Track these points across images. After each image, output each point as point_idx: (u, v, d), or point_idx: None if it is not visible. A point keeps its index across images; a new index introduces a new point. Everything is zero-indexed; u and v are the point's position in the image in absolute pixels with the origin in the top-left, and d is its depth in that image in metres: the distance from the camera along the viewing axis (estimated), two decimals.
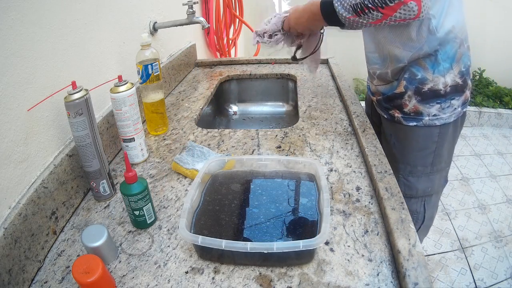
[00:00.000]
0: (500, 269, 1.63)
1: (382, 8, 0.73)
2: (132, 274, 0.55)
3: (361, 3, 0.74)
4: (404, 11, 0.72)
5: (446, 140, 0.96)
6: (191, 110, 1.13)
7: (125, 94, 0.75)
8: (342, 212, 0.66)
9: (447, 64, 0.86)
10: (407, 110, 0.93)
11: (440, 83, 0.87)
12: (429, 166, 0.99)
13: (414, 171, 1.00)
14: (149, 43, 0.88)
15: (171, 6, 1.28)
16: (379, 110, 1.04)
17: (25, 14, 0.59)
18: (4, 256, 0.50)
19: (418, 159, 0.98)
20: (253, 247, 0.50)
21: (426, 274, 0.49)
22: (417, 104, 0.91)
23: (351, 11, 0.77)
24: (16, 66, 0.57)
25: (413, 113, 0.93)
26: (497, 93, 2.94)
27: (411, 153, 0.98)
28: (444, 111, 0.91)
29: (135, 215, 0.62)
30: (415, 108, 0.92)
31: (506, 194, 2.11)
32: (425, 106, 0.91)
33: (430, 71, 0.87)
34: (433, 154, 0.97)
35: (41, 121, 0.64)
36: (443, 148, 0.97)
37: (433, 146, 0.96)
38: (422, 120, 0.92)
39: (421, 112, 0.92)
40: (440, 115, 0.91)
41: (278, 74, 1.43)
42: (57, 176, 0.65)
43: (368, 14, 0.75)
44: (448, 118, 0.92)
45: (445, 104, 0.90)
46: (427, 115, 0.91)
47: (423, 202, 1.04)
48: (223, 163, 0.72)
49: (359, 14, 0.76)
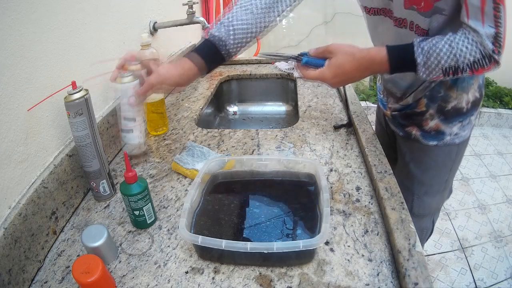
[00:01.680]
0: (500, 269, 1.63)
1: (477, 71, 0.65)
2: (132, 274, 0.55)
3: (457, 67, 0.65)
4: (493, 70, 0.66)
5: (461, 156, 0.92)
6: (191, 110, 1.13)
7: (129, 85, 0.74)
8: (342, 212, 0.66)
9: (471, 79, 0.80)
10: (428, 128, 0.87)
11: (464, 100, 0.81)
12: (444, 184, 0.95)
13: (429, 191, 0.95)
14: (149, 43, 0.88)
15: (171, 6, 1.28)
16: (393, 126, 0.98)
17: (25, 14, 0.59)
18: (4, 256, 0.50)
19: (435, 178, 0.94)
20: (253, 247, 0.50)
21: (426, 274, 0.49)
22: (439, 123, 0.85)
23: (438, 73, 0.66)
24: (16, 66, 0.57)
25: (434, 132, 0.86)
26: (497, 93, 2.94)
27: (427, 172, 0.93)
28: (464, 128, 0.86)
29: (135, 215, 0.62)
30: (436, 127, 0.86)
31: (506, 194, 2.11)
32: (447, 125, 0.85)
33: (454, 87, 0.80)
34: (449, 172, 0.93)
35: (41, 121, 0.64)
36: (458, 165, 0.93)
37: (450, 164, 0.91)
38: (443, 139, 0.87)
39: (443, 131, 0.86)
40: (461, 133, 0.86)
41: (278, 74, 1.43)
42: (57, 176, 0.65)
43: (459, 75, 0.66)
44: (466, 135, 0.87)
45: (466, 121, 0.85)
46: (449, 134, 0.86)
47: (432, 218, 1.01)
48: (223, 163, 0.72)
49: (447, 75, 0.66)
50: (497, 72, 0.68)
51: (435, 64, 0.65)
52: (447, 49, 0.64)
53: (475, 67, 0.64)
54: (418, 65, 0.66)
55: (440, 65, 0.65)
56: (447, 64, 0.64)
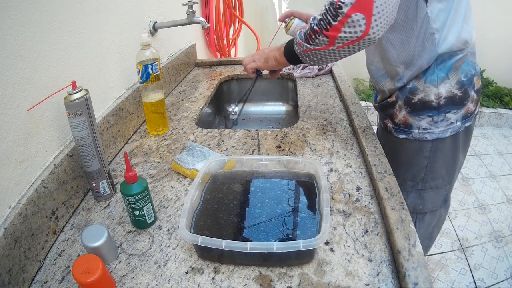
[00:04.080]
0: (500, 269, 1.63)
1: (327, 31, 0.65)
2: (132, 274, 0.55)
3: (309, 29, 0.70)
4: (349, 28, 0.62)
5: (441, 156, 0.88)
6: (191, 110, 1.13)
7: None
8: (342, 212, 0.66)
9: (442, 73, 0.78)
10: (397, 120, 0.88)
11: (432, 94, 0.80)
12: (420, 183, 0.93)
13: (403, 185, 0.93)
14: (149, 43, 0.88)
15: (171, 6, 1.28)
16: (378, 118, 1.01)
17: (25, 14, 0.59)
18: (4, 256, 0.50)
19: (407, 173, 0.93)
20: (253, 247, 0.50)
21: (426, 274, 0.49)
22: (406, 115, 0.85)
23: (303, 39, 0.72)
24: (16, 66, 0.57)
25: (402, 125, 0.87)
26: (497, 93, 2.94)
27: (400, 166, 0.92)
28: (437, 125, 0.83)
29: (135, 215, 0.62)
30: (404, 120, 0.86)
31: (506, 194, 2.11)
32: (414, 118, 0.85)
33: (422, 79, 0.80)
34: (425, 170, 0.90)
35: (41, 121, 0.64)
36: (438, 165, 0.90)
37: (424, 162, 0.89)
38: (411, 132, 0.87)
39: (410, 124, 0.86)
40: (432, 129, 0.84)
41: (278, 74, 1.42)
42: (57, 176, 0.65)
43: (315, 40, 0.69)
44: (442, 132, 0.84)
45: (438, 118, 0.82)
46: (417, 128, 0.85)
47: (414, 219, 0.98)
48: (223, 163, 0.72)
49: (308, 41, 0.71)
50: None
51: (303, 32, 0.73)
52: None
53: (323, 25, 0.66)
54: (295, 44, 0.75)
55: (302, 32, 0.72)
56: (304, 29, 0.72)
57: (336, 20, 0.63)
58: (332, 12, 0.63)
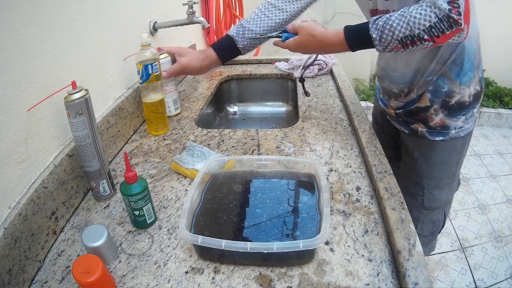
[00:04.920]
0: (500, 269, 1.63)
1: (438, 38, 0.65)
2: (132, 274, 0.55)
3: (412, 36, 0.66)
4: (458, 37, 0.65)
5: (467, 148, 0.94)
6: (191, 110, 1.13)
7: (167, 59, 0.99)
8: (342, 212, 0.66)
9: (471, 73, 0.81)
10: (433, 124, 0.88)
11: (466, 94, 0.83)
12: (452, 177, 0.96)
13: (439, 185, 0.96)
14: (149, 43, 0.88)
15: (171, 6, 1.28)
16: (397, 124, 0.99)
17: (25, 14, 0.59)
18: (4, 256, 0.50)
19: (443, 172, 0.95)
20: (253, 247, 0.50)
21: (426, 274, 0.49)
22: (444, 118, 0.86)
23: (395, 44, 0.68)
24: (16, 66, 0.57)
25: (439, 127, 0.88)
26: (497, 93, 2.94)
27: (436, 167, 0.94)
28: (468, 121, 0.88)
29: (135, 215, 0.62)
30: (441, 122, 0.87)
31: (506, 194, 2.11)
32: (452, 120, 0.86)
33: (457, 82, 0.81)
34: (456, 165, 0.95)
35: (41, 121, 0.64)
36: (464, 156, 0.95)
37: (457, 157, 0.93)
38: (448, 134, 0.88)
39: (448, 126, 0.87)
40: (465, 126, 0.88)
41: (278, 74, 1.43)
42: (57, 176, 0.65)
43: (419, 45, 0.67)
44: (470, 127, 0.90)
45: (469, 114, 0.87)
46: (454, 128, 0.87)
47: (444, 210, 1.02)
48: (223, 163, 0.72)
49: (406, 46, 0.68)
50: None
51: (390, 36, 0.68)
52: (399, 19, 0.66)
53: (434, 33, 0.64)
54: (374, 40, 0.70)
55: (395, 36, 0.67)
56: (401, 34, 0.66)
57: (450, 30, 0.64)
58: (447, 23, 0.63)
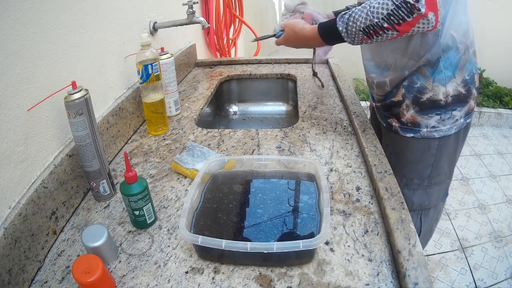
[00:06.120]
0: (500, 269, 1.63)
1: (399, 25, 0.67)
2: (132, 274, 0.55)
3: (373, 25, 0.69)
4: (423, 25, 0.66)
5: (446, 153, 0.90)
6: (191, 110, 1.13)
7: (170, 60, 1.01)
8: (342, 212, 0.66)
9: (449, 72, 0.80)
10: (404, 120, 0.88)
11: (440, 92, 0.82)
12: (426, 179, 0.94)
13: (409, 184, 0.95)
14: (149, 43, 0.88)
15: (171, 6, 1.28)
16: (379, 118, 1.00)
17: (25, 14, 0.59)
18: (4, 256, 0.50)
19: (414, 172, 0.93)
20: (253, 247, 0.50)
21: (426, 274, 0.49)
22: (415, 114, 0.86)
23: (360, 35, 0.72)
24: (16, 66, 0.57)
25: (410, 124, 0.88)
26: (497, 93, 2.94)
27: (407, 165, 0.93)
28: (444, 123, 0.85)
29: (135, 215, 0.62)
30: (412, 119, 0.87)
31: (506, 194, 2.11)
32: (423, 117, 0.85)
33: (430, 79, 0.81)
34: (431, 168, 0.92)
35: (41, 121, 0.64)
36: (442, 161, 0.91)
37: (431, 159, 0.91)
38: (419, 131, 0.87)
39: (418, 123, 0.86)
40: (440, 127, 0.86)
41: (278, 74, 1.43)
42: (57, 176, 0.65)
43: (383, 34, 0.69)
44: (448, 130, 0.86)
45: (446, 116, 0.84)
46: (425, 126, 0.86)
47: (420, 215, 1.00)
48: (223, 163, 0.72)
49: (371, 36, 0.71)
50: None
51: (354, 28, 0.72)
52: (361, 10, 0.71)
53: (393, 21, 0.67)
54: (342, 32, 0.75)
55: (357, 26, 0.71)
56: (362, 24, 0.70)
57: (411, 17, 0.65)
58: (406, 10, 0.65)
